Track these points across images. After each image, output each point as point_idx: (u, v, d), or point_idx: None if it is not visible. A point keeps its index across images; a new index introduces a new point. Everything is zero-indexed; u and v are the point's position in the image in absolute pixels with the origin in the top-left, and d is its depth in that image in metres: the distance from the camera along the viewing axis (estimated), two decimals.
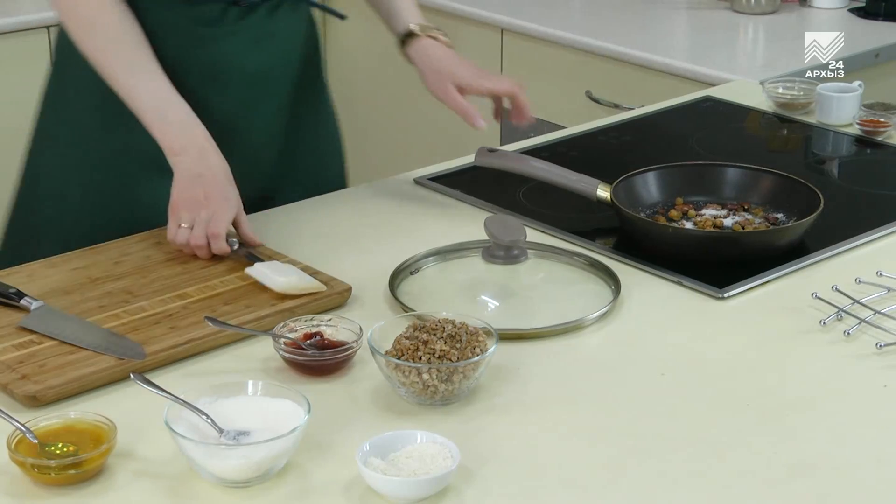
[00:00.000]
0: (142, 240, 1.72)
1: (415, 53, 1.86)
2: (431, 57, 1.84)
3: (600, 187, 1.80)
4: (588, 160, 2.01)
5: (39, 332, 1.46)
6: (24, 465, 1.22)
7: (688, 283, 1.64)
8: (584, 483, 1.25)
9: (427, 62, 1.84)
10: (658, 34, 3.04)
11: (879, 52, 2.86)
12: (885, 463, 1.29)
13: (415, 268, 1.66)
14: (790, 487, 1.25)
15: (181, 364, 1.44)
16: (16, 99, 3.13)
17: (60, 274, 1.62)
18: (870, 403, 1.40)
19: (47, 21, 3.13)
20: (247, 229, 1.66)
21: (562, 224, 1.80)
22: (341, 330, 1.46)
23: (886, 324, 1.53)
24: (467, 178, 1.95)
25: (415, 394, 1.35)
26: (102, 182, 1.81)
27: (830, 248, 1.73)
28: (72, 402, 1.36)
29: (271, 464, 1.23)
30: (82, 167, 1.81)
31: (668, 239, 1.72)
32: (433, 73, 1.83)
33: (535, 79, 2.96)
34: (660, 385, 1.43)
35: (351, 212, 1.87)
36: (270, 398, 1.30)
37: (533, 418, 1.36)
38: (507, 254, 1.62)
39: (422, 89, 1.87)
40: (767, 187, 1.85)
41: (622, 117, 2.31)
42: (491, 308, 1.60)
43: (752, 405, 1.39)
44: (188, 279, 1.61)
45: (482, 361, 1.36)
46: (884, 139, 2.18)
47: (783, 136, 2.27)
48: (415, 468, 1.22)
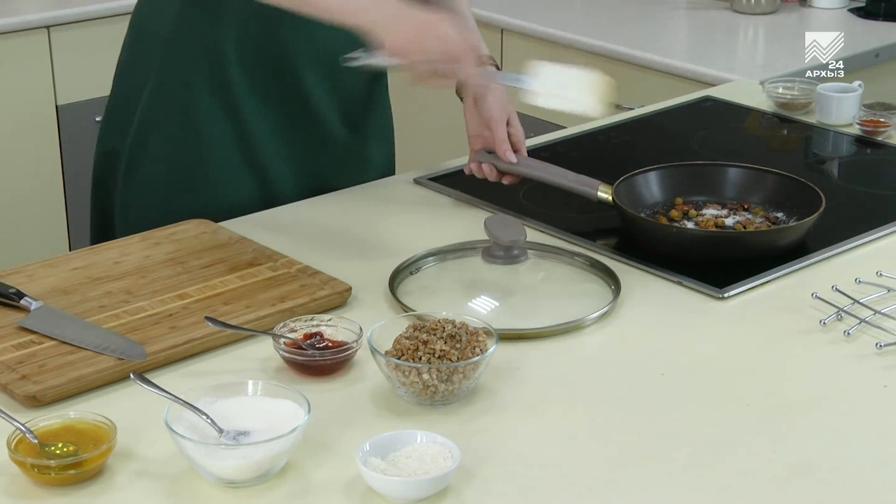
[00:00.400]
0: (142, 240, 1.72)
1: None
2: (496, 86, 1.89)
3: (601, 188, 1.80)
4: (588, 160, 2.01)
5: (39, 332, 1.46)
6: (24, 465, 1.22)
7: (688, 283, 1.64)
8: (584, 483, 1.25)
9: (495, 85, 1.89)
10: (658, 34, 3.04)
11: (879, 52, 2.86)
12: (885, 463, 1.29)
13: (415, 268, 1.66)
14: (790, 487, 1.25)
15: (181, 364, 1.44)
16: (16, 99, 3.14)
17: (60, 274, 1.62)
18: (870, 403, 1.40)
19: (47, 21, 3.14)
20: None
21: (562, 224, 1.80)
22: (341, 330, 1.46)
23: (886, 324, 1.53)
24: (467, 178, 1.94)
25: (415, 394, 1.35)
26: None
27: (830, 248, 1.73)
28: (72, 402, 1.36)
29: (271, 464, 1.23)
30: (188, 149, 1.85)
31: (670, 239, 1.72)
32: (497, 101, 1.88)
33: None
34: (660, 385, 1.43)
35: (351, 212, 1.87)
36: (270, 398, 1.30)
37: (533, 418, 1.36)
38: (507, 254, 1.62)
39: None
40: (768, 187, 1.85)
41: (622, 117, 2.31)
42: (491, 308, 1.60)
43: (752, 405, 1.39)
44: (188, 279, 1.61)
45: (482, 361, 1.36)
46: (884, 139, 2.17)
47: (783, 136, 2.27)
48: (415, 468, 1.22)
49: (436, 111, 3.17)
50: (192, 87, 1.82)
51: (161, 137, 1.84)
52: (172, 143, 1.84)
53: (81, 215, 3.24)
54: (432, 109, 3.21)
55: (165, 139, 1.84)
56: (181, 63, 1.82)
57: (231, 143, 1.84)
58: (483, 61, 1.82)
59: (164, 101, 1.83)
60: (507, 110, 1.89)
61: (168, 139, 1.84)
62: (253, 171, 1.87)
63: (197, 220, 1.78)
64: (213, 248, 1.69)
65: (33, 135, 3.19)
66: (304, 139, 1.89)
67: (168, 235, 1.73)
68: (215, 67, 1.81)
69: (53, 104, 3.19)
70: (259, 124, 1.85)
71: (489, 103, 1.88)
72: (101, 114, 1.93)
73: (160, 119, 1.84)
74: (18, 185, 3.19)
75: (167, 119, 1.83)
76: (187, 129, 1.83)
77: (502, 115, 1.88)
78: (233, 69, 1.81)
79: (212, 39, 1.81)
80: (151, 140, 1.84)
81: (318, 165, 1.92)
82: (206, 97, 1.82)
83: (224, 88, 1.82)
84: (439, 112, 3.18)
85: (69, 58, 3.19)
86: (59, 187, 3.25)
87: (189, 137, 1.83)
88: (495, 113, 1.88)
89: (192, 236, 1.73)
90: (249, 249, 1.69)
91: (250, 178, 1.87)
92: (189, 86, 1.82)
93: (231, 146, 1.85)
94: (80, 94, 3.20)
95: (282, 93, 1.85)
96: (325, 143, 1.92)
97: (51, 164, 3.22)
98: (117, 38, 2.02)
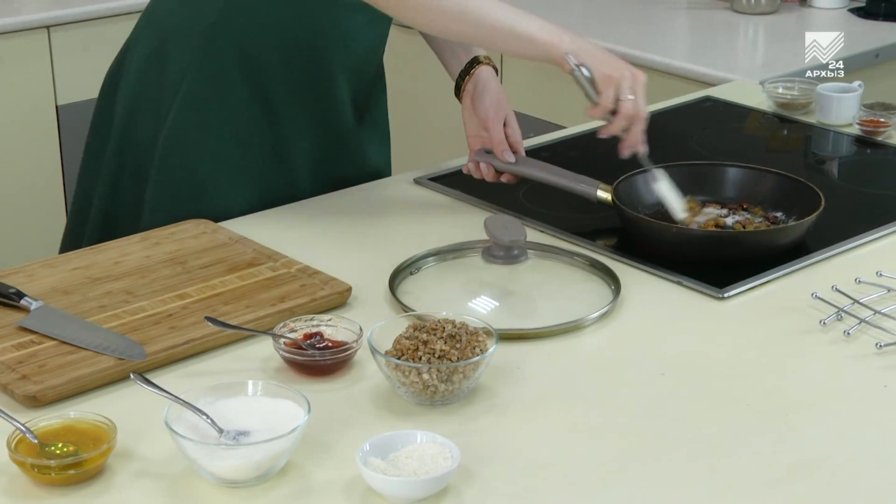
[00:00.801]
0: (142, 240, 1.72)
1: (480, 75, 1.94)
2: (493, 86, 1.93)
3: (600, 188, 1.80)
4: (588, 160, 2.01)
5: (39, 332, 1.46)
6: (24, 465, 1.22)
7: (688, 283, 1.64)
8: (583, 483, 1.25)
9: (492, 85, 1.93)
10: (658, 34, 3.04)
11: (879, 52, 2.86)
12: (885, 463, 1.29)
13: (415, 268, 1.66)
14: (790, 487, 1.25)
15: (181, 364, 1.44)
16: (16, 99, 3.14)
17: (60, 274, 1.62)
18: (870, 403, 1.40)
19: (47, 21, 3.14)
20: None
21: (562, 224, 1.80)
22: (341, 330, 1.46)
23: (886, 324, 1.53)
24: (467, 178, 1.94)
25: (415, 394, 1.35)
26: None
27: (830, 248, 1.73)
28: (72, 402, 1.36)
29: (271, 464, 1.23)
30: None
31: (670, 239, 1.72)
32: (493, 101, 1.91)
33: (534, 79, 2.96)
34: (660, 385, 1.43)
35: (351, 212, 1.87)
36: (270, 398, 1.30)
37: (533, 418, 1.36)
38: (507, 254, 1.62)
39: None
40: (768, 187, 1.85)
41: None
42: (491, 308, 1.60)
43: (752, 405, 1.39)
44: (188, 279, 1.61)
45: (482, 361, 1.36)
46: (884, 139, 2.17)
47: (783, 136, 2.27)
48: (415, 468, 1.22)
49: (435, 112, 3.17)
50: (229, 88, 1.84)
51: (197, 135, 1.85)
52: (208, 141, 1.85)
53: None
54: (431, 110, 3.21)
55: (201, 137, 1.85)
56: (218, 65, 1.83)
57: (265, 142, 1.87)
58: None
59: (200, 101, 1.84)
60: (504, 111, 1.91)
61: (204, 137, 1.85)
62: (281, 168, 1.89)
63: (197, 220, 1.78)
64: (213, 248, 1.69)
65: (33, 135, 3.19)
66: (328, 139, 1.92)
67: (168, 235, 1.73)
68: (253, 70, 1.84)
69: (53, 104, 3.19)
70: (292, 124, 1.88)
71: (486, 104, 1.90)
72: None
73: (196, 118, 1.85)
74: (18, 185, 3.19)
75: (203, 119, 1.85)
76: (223, 128, 1.85)
77: (499, 116, 1.90)
78: (271, 72, 1.84)
79: (250, 44, 1.83)
80: (188, 137, 1.85)
81: (336, 164, 1.95)
82: (242, 97, 1.84)
83: (260, 90, 1.85)
84: (438, 113, 3.18)
85: (69, 58, 3.19)
86: (59, 187, 3.25)
87: (224, 136, 1.85)
88: (492, 114, 1.89)
89: (191, 236, 1.73)
90: (249, 249, 1.69)
91: (278, 175, 1.89)
92: (225, 87, 1.84)
93: (265, 145, 1.87)
94: (80, 94, 3.19)
95: (315, 94, 1.88)
96: (344, 144, 1.95)
97: (51, 164, 3.22)
98: (117, 38, 2.02)
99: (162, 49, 1.87)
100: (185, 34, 1.85)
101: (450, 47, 1.97)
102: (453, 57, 1.97)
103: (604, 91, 1.72)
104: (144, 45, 1.91)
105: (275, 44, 1.83)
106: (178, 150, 1.85)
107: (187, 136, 1.85)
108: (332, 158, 1.94)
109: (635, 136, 1.76)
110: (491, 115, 1.89)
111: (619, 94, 1.72)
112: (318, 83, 1.88)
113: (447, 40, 1.95)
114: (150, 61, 1.89)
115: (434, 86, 3.16)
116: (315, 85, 1.88)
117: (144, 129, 1.88)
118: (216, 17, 1.83)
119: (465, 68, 1.94)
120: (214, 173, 1.85)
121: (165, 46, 1.87)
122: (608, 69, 1.72)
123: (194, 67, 1.84)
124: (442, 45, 1.99)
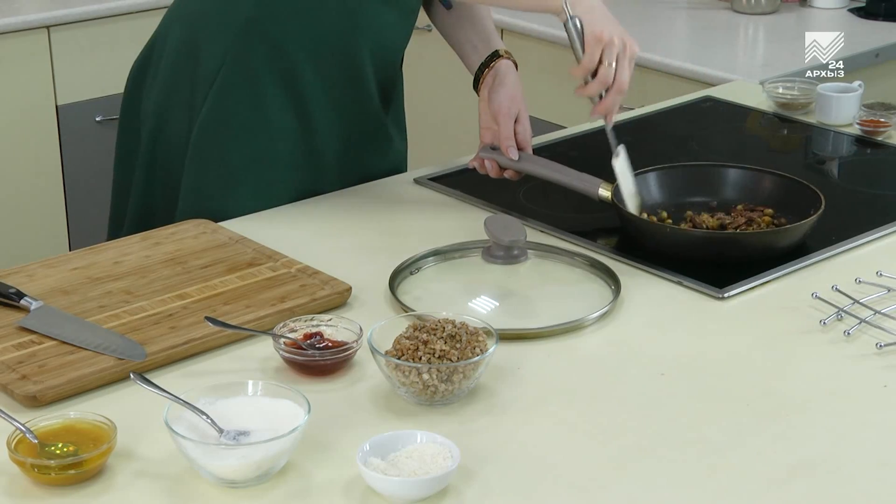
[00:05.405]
0: (142, 240, 1.72)
1: (500, 68, 1.95)
2: (511, 80, 1.93)
3: (602, 186, 1.80)
4: (588, 160, 2.01)
5: (39, 332, 1.46)
6: (24, 465, 1.22)
7: (688, 283, 1.64)
8: (584, 483, 1.25)
9: (510, 79, 1.93)
10: (658, 34, 3.04)
11: (879, 52, 2.86)
12: (885, 463, 1.29)
13: (415, 268, 1.66)
14: (790, 487, 1.25)
15: (181, 364, 1.44)
16: (16, 99, 3.14)
17: (60, 274, 1.62)
18: (870, 403, 1.40)
19: (47, 21, 3.14)
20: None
21: (562, 224, 1.80)
22: (341, 330, 1.46)
23: (886, 324, 1.53)
24: (467, 178, 1.95)
25: (415, 394, 1.35)
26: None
27: (830, 248, 1.73)
28: (72, 402, 1.36)
29: (271, 464, 1.23)
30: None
31: (670, 239, 1.72)
32: (507, 95, 1.91)
33: (535, 79, 2.96)
34: (660, 385, 1.43)
35: (351, 212, 1.87)
36: (270, 398, 1.30)
37: (533, 418, 1.36)
38: (507, 254, 1.62)
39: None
40: (768, 187, 1.85)
41: (622, 117, 2.30)
42: (491, 308, 1.60)
43: (752, 405, 1.39)
44: (188, 279, 1.61)
45: (482, 361, 1.36)
46: (884, 139, 2.17)
47: (783, 136, 2.27)
48: (415, 468, 1.22)
49: (436, 112, 3.17)
50: (261, 79, 1.85)
51: (229, 128, 1.86)
52: (240, 134, 1.86)
53: (81, 215, 3.25)
54: (433, 110, 3.21)
55: (233, 130, 1.86)
56: (251, 58, 1.84)
57: (295, 133, 1.88)
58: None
59: (233, 93, 1.85)
60: (518, 107, 1.90)
61: (236, 129, 1.86)
62: (310, 159, 1.90)
63: (197, 220, 1.78)
64: (213, 248, 1.69)
65: (33, 135, 3.18)
66: (355, 130, 1.93)
67: (168, 235, 1.73)
68: (284, 62, 1.84)
69: (53, 104, 3.19)
70: (322, 116, 1.88)
71: (500, 97, 1.90)
72: (101, 114, 1.93)
73: (230, 110, 1.85)
74: (18, 185, 3.18)
75: (235, 111, 1.85)
76: (255, 119, 1.86)
77: (511, 111, 1.89)
78: (302, 64, 1.85)
79: (283, 36, 1.84)
80: (220, 131, 1.86)
81: (363, 155, 1.96)
82: (273, 89, 1.85)
83: (292, 81, 1.85)
84: (440, 113, 3.18)
85: (69, 58, 3.19)
86: (59, 187, 3.25)
87: (256, 128, 1.86)
88: (504, 107, 1.89)
89: (191, 236, 1.73)
90: (249, 249, 1.69)
91: (306, 167, 1.90)
92: (257, 78, 1.85)
93: (295, 137, 1.88)
94: (80, 94, 3.20)
95: (344, 85, 1.89)
96: (371, 135, 1.96)
97: (51, 164, 3.22)
98: (117, 38, 2.02)
99: (194, 42, 1.88)
100: (219, 28, 1.86)
101: (470, 41, 1.98)
102: (473, 51, 1.98)
103: (589, 50, 1.70)
104: (174, 38, 1.91)
105: (308, 35, 1.84)
106: (211, 142, 1.86)
107: (221, 127, 1.86)
108: (359, 150, 1.95)
109: (607, 104, 1.74)
110: (504, 108, 1.89)
111: (604, 58, 1.70)
112: (347, 74, 1.89)
113: (467, 34, 1.95)
114: (182, 55, 1.90)
115: (438, 86, 3.16)
116: (344, 76, 1.89)
117: (177, 121, 1.90)
118: (251, 11, 1.83)
119: (485, 61, 1.95)
120: (247, 165, 1.86)
121: (197, 40, 1.88)
122: (600, 28, 1.69)
123: (229, 60, 1.85)
124: (462, 40, 1.99)
